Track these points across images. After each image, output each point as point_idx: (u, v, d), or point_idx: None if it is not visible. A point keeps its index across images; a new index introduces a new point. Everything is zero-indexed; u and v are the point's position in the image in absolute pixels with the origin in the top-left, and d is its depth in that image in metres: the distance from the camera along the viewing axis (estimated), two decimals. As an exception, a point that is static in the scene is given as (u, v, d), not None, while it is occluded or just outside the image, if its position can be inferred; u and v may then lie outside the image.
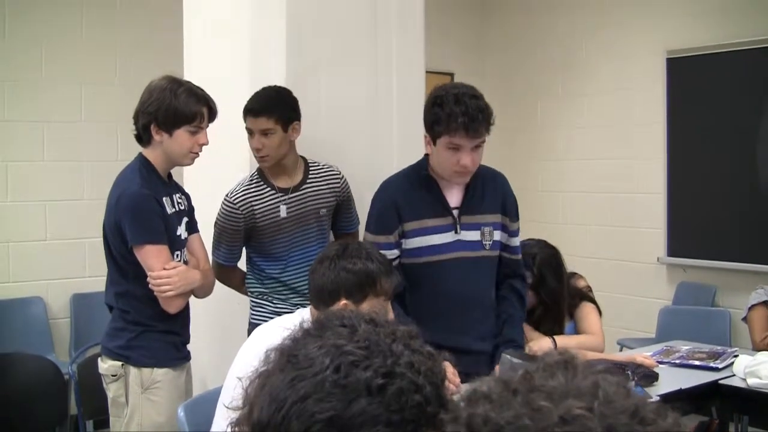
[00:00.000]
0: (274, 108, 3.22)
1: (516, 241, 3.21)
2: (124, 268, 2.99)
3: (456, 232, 3.04)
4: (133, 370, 2.98)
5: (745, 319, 4.52)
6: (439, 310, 3.02)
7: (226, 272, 3.43)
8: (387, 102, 3.78)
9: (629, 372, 3.28)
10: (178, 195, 3.10)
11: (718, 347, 3.95)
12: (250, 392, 1.09)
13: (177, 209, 3.06)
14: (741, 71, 5.62)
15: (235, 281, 3.47)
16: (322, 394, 1.00)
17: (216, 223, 3.35)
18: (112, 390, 3.02)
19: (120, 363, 2.99)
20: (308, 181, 3.37)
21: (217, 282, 3.41)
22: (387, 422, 1.00)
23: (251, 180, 3.36)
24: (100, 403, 3.40)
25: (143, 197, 2.91)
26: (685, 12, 5.97)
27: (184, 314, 3.12)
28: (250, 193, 3.32)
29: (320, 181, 3.40)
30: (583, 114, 6.70)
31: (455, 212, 3.06)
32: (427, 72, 3.99)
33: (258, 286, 3.39)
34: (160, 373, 2.99)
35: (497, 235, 3.11)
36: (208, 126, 3.04)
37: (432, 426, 1.03)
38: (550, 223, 6.27)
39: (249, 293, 3.42)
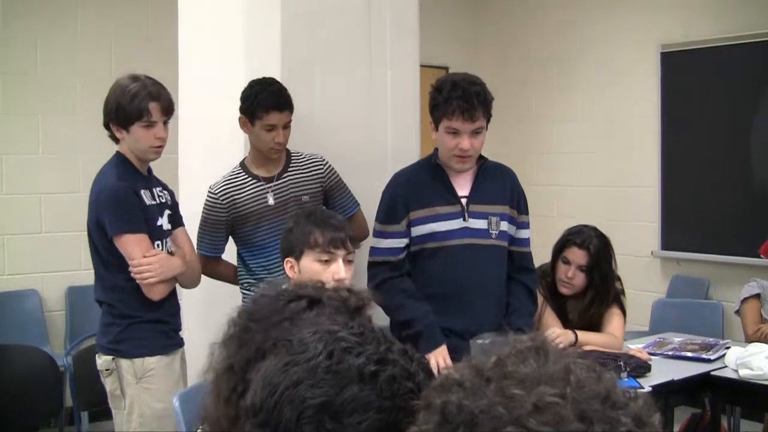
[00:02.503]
0: (291, 101, 3.29)
1: (524, 234, 3.29)
2: (108, 261, 3.04)
3: (464, 220, 3.12)
4: (125, 363, 3.02)
5: (738, 311, 4.54)
6: (444, 294, 3.09)
7: (209, 264, 3.45)
8: (381, 95, 3.79)
9: (621, 363, 3.30)
10: (158, 189, 3.17)
11: (711, 339, 3.97)
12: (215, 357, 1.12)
13: (158, 202, 3.12)
14: (735, 65, 5.63)
15: (222, 273, 3.50)
16: (314, 379, 1.00)
17: (201, 214, 3.39)
18: (108, 384, 3.07)
19: (111, 357, 3.04)
20: (289, 169, 3.41)
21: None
22: (378, 408, 1.00)
23: (233, 172, 3.40)
24: (95, 394, 3.42)
25: (120, 189, 2.99)
26: (679, 6, 5.97)
27: (172, 302, 3.16)
28: (231, 185, 3.36)
29: (302, 169, 3.43)
30: (577, 108, 6.71)
31: (463, 201, 3.15)
32: (421, 66, 4.00)
33: (247, 276, 3.41)
34: (152, 361, 3.04)
35: (504, 226, 3.18)
36: (165, 119, 3.08)
37: None
38: (544, 216, 6.27)
39: (240, 285, 3.44)
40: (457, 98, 2.96)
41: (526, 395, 0.77)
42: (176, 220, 3.24)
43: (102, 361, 3.06)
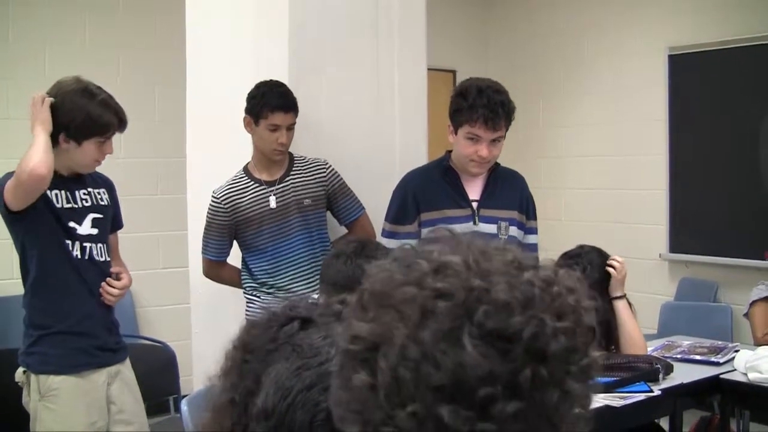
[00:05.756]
0: (296, 103, 3.30)
1: (532, 239, 3.29)
2: (23, 263, 2.92)
3: (474, 224, 3.12)
4: (32, 377, 2.87)
5: (746, 314, 4.53)
6: None
7: (215, 268, 3.48)
8: (389, 99, 3.79)
9: (658, 366, 3.28)
10: (82, 191, 3.01)
11: (719, 342, 3.96)
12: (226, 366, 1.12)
13: (80, 205, 2.97)
14: (743, 68, 5.61)
15: (226, 277, 3.50)
16: (326, 383, 1.01)
17: (206, 219, 3.41)
18: (23, 395, 2.93)
19: (23, 370, 2.90)
20: (292, 173, 3.41)
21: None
22: (390, 411, 1.00)
23: (235, 176, 3.41)
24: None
25: None
26: (687, 9, 5.96)
27: (98, 314, 2.96)
28: (234, 188, 3.37)
29: (304, 173, 3.42)
30: (586, 111, 6.70)
31: (474, 204, 3.14)
32: (428, 69, 4.00)
33: (250, 280, 3.42)
34: (57, 381, 2.84)
35: (513, 231, 3.19)
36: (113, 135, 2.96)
37: None
38: (553, 219, 6.28)
39: (243, 289, 3.45)
40: (482, 106, 2.92)
41: (427, 264, 0.78)
42: (115, 222, 3.12)
43: (17, 372, 2.91)
